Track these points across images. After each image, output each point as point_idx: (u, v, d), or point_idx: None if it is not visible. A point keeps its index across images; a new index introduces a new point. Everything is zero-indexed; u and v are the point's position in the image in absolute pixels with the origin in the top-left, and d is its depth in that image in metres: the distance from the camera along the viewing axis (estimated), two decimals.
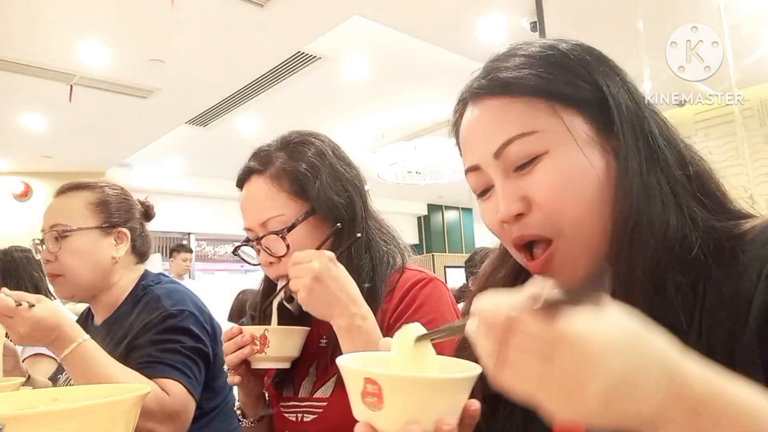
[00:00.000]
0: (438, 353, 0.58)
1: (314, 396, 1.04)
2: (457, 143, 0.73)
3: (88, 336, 1.12)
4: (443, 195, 9.69)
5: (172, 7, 3.18)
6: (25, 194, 6.34)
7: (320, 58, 4.30)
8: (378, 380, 0.46)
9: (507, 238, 0.65)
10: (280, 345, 0.99)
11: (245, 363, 1.00)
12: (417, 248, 10.33)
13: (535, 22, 3.45)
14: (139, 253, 1.46)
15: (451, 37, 3.88)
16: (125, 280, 1.40)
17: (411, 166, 6.75)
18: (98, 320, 1.41)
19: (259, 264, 1.08)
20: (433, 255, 10.12)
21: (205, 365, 1.30)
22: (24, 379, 1.09)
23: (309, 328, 1.04)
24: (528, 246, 0.63)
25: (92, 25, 3.54)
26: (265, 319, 1.07)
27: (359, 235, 1.02)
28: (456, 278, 9.50)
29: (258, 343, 0.98)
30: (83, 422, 0.59)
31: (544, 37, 3.26)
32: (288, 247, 1.01)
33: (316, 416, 1.02)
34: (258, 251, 1.06)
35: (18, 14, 3.33)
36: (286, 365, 1.03)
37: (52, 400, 0.74)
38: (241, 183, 1.10)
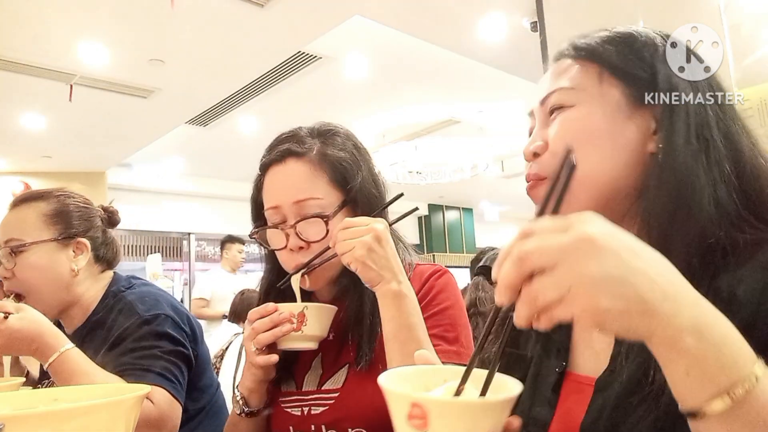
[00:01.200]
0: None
1: (323, 388, 1.03)
2: None
3: (71, 344, 1.09)
4: (444, 195, 9.69)
5: (172, 7, 3.18)
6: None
7: (320, 58, 4.30)
8: (424, 404, 0.47)
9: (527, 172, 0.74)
10: (316, 323, 0.96)
11: (270, 344, 0.96)
12: (418, 248, 10.27)
13: (536, 22, 3.44)
14: (105, 261, 1.41)
15: (451, 37, 3.88)
16: (92, 291, 1.35)
17: (412, 165, 6.76)
18: (69, 330, 1.36)
19: (280, 249, 1.03)
20: (434, 255, 10.12)
21: (187, 367, 1.27)
22: (24, 380, 1.08)
23: (336, 308, 1.01)
24: None
25: (92, 25, 3.54)
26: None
27: (417, 207, 1.04)
28: (457, 278, 9.46)
29: (295, 321, 0.94)
30: (83, 422, 0.59)
31: (544, 37, 3.26)
32: (324, 237, 0.99)
33: (326, 408, 1.00)
34: (287, 235, 1.01)
35: (18, 14, 3.33)
36: (315, 346, 1.00)
37: (52, 400, 0.74)
38: (270, 165, 1.04)
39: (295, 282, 1.01)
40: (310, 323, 0.95)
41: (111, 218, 1.46)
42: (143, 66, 4.05)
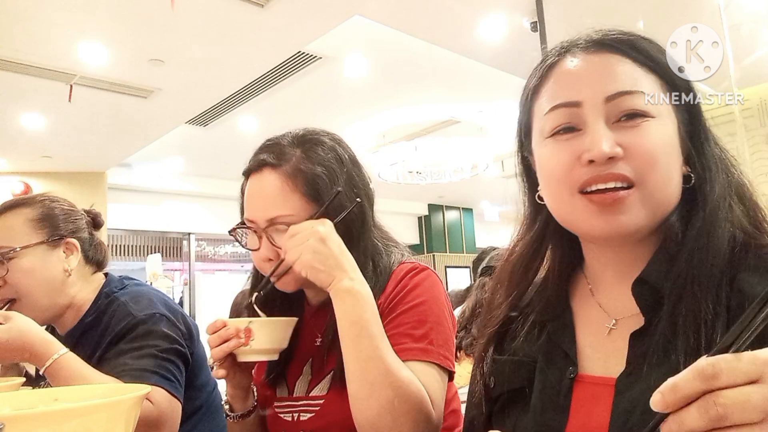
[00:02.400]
0: None
1: (310, 394, 1.03)
2: (537, 84, 0.74)
3: (65, 349, 1.08)
4: (444, 195, 9.69)
5: (172, 7, 3.18)
6: (25, 194, 6.32)
7: (321, 57, 4.30)
8: None
9: (572, 178, 0.67)
10: (265, 337, 0.96)
11: (231, 356, 0.97)
12: (418, 248, 10.33)
13: (535, 22, 3.44)
14: (95, 262, 1.40)
15: (451, 37, 3.88)
16: (85, 292, 1.34)
17: (412, 165, 6.75)
18: (61, 333, 1.35)
19: (253, 251, 1.04)
20: (433, 255, 10.12)
21: (184, 365, 1.27)
22: (24, 380, 1.08)
23: (297, 318, 1.02)
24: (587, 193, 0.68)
25: (92, 25, 3.54)
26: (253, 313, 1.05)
27: (358, 199, 1.02)
28: (457, 278, 9.50)
29: (243, 335, 0.95)
30: (83, 422, 0.59)
31: (544, 37, 3.26)
32: None
33: (313, 414, 1.01)
34: (260, 238, 1.02)
35: (18, 14, 3.33)
36: (274, 357, 1.00)
37: (52, 400, 0.74)
38: (249, 173, 1.06)
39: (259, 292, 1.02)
40: (257, 338, 0.95)
41: (95, 221, 1.45)
42: (143, 66, 4.05)
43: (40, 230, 1.30)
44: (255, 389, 1.09)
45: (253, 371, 1.06)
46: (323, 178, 1.01)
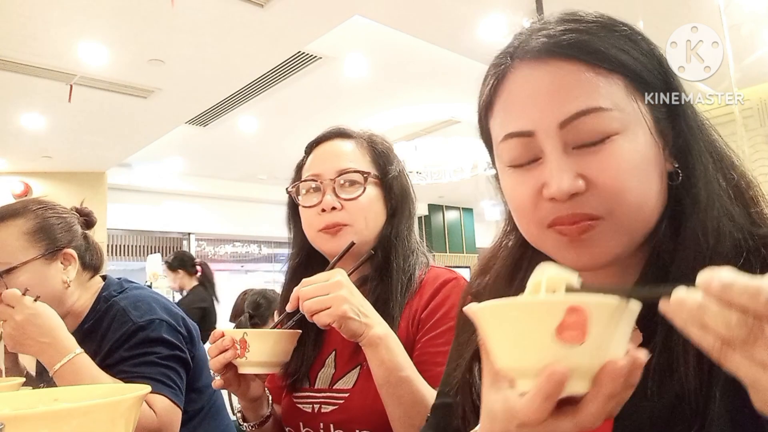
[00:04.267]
0: None
1: (334, 387, 1.04)
2: (488, 102, 0.66)
3: (81, 349, 1.08)
4: (444, 195, 9.69)
5: (172, 7, 3.18)
6: (25, 194, 6.32)
7: (320, 57, 4.30)
8: (586, 308, 0.41)
9: (538, 214, 0.60)
10: (261, 349, 0.93)
11: (233, 367, 0.96)
12: None
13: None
14: (92, 267, 1.38)
15: (452, 37, 3.88)
16: (83, 299, 1.32)
17: (412, 166, 6.75)
18: None
19: (311, 207, 1.07)
20: (434, 255, 10.08)
21: (185, 370, 1.27)
22: (24, 380, 1.08)
23: (299, 332, 1.00)
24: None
25: (92, 25, 3.54)
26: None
27: (353, 242, 1.02)
28: None
29: (239, 347, 0.93)
30: (83, 422, 0.59)
31: None
32: (359, 195, 1.06)
33: (336, 407, 1.02)
34: (323, 192, 1.07)
35: (18, 14, 3.33)
36: (274, 370, 0.98)
37: (52, 400, 0.74)
38: (316, 144, 1.13)
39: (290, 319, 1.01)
40: (252, 349, 0.92)
41: (87, 220, 1.43)
42: (143, 66, 4.05)
43: (37, 243, 1.27)
44: (270, 398, 1.08)
45: (264, 381, 1.05)
46: (390, 155, 1.13)
